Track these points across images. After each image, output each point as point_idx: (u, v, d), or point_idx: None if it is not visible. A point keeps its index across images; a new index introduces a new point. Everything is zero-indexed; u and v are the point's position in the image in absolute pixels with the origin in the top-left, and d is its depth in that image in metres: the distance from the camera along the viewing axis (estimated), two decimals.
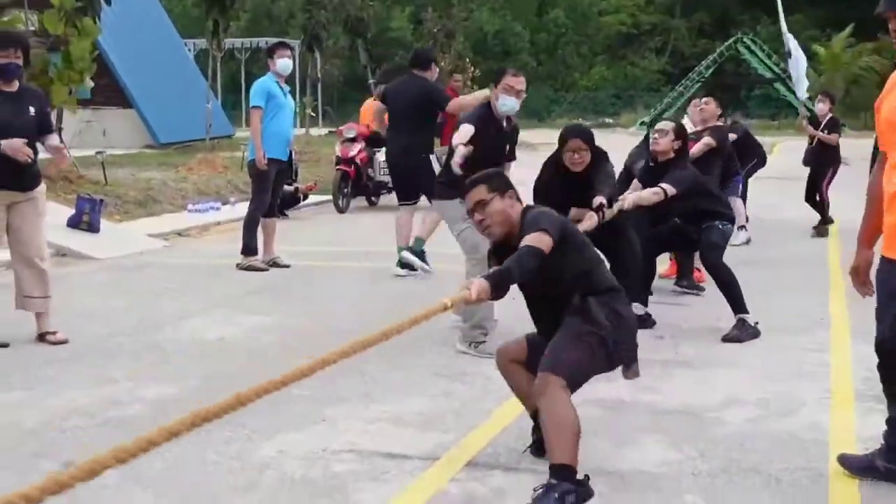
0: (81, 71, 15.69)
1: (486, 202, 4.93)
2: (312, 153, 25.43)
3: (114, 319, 8.59)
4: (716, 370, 6.97)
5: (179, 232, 14.54)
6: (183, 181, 18.87)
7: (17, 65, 7.38)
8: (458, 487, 4.76)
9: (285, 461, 5.07)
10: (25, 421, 5.76)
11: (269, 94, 11.07)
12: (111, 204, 15.16)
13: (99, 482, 4.73)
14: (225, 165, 21.13)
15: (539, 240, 4.64)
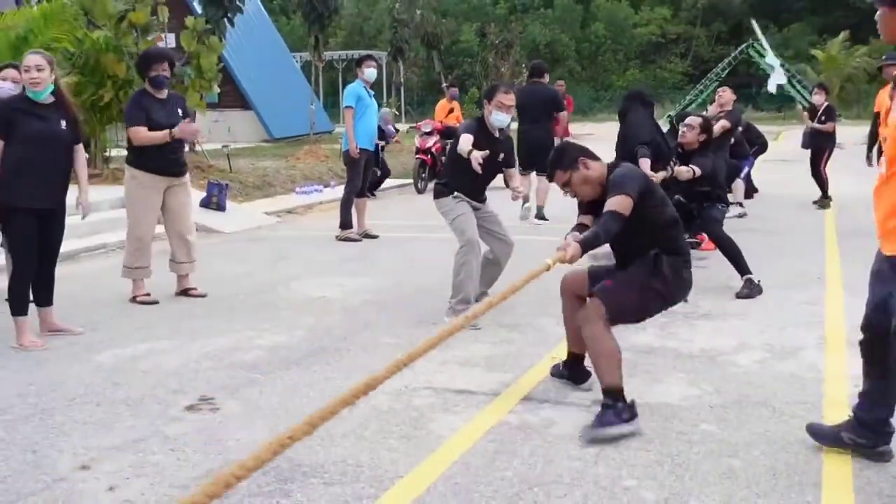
0: (210, 80, 15.81)
1: (569, 181, 4.90)
2: (396, 145, 25.41)
3: (237, 281, 8.68)
4: (729, 321, 6.88)
5: (289, 210, 14.63)
6: (292, 168, 18.96)
7: (166, 76, 7.59)
8: (515, 418, 4.76)
9: (374, 396, 5.07)
10: (168, 364, 5.86)
11: (359, 96, 11.12)
12: (235, 188, 15.29)
13: (223, 413, 4.83)
14: (326, 155, 21.18)
15: (621, 203, 4.59)
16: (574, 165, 4.86)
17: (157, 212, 7.73)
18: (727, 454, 4.24)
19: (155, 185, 7.64)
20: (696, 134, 8.16)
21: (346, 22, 64.22)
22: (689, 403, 4.98)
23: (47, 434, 4.58)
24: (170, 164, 7.64)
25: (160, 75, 7.53)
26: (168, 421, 4.76)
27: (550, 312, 6.95)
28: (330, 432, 4.52)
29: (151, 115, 7.48)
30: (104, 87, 14.20)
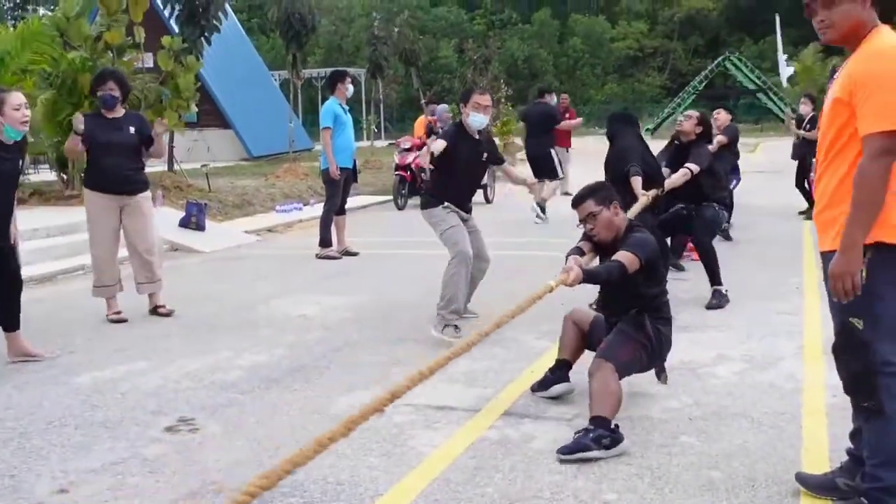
0: (188, 99, 15.79)
1: (596, 214, 5.02)
2: (376, 161, 25.47)
3: (216, 300, 8.66)
4: (708, 332, 6.91)
5: (269, 229, 14.62)
6: (272, 187, 18.96)
7: (112, 95, 7.65)
8: (495, 433, 4.77)
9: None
10: (146, 385, 5.83)
11: (335, 115, 11.08)
12: (214, 207, 15.28)
13: (202, 433, 4.81)
14: (305, 173, 21.17)
15: (631, 261, 4.80)
16: (608, 204, 5.04)
17: (113, 230, 7.77)
18: (707, 466, 4.26)
19: (108, 204, 7.70)
20: (694, 124, 8.19)
21: (323, 40, 64.39)
22: (668, 416, 5.00)
23: (25, 458, 4.55)
24: (121, 183, 7.67)
25: (106, 94, 7.64)
26: (147, 442, 4.74)
27: (532, 329, 6.98)
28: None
29: (94, 133, 7.57)
30: (81, 108, 14.14)
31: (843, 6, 3.51)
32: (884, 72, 3.36)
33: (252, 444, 4.67)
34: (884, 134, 3.32)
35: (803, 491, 3.92)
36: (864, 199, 3.37)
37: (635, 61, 67.92)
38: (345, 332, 7.20)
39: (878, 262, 3.42)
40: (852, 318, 3.49)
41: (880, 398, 3.49)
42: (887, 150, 3.33)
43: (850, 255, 3.38)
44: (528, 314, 7.20)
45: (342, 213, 11.48)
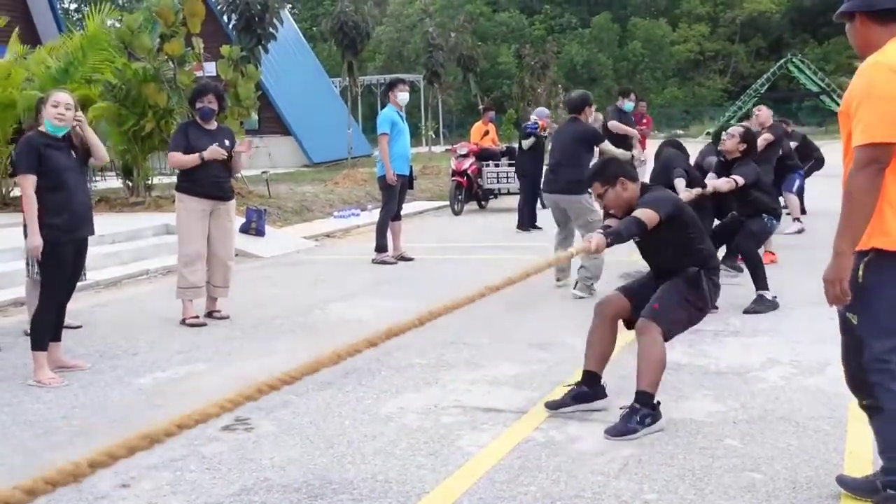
0: (248, 107, 16.10)
1: (602, 194, 5.24)
2: (433, 167, 25.65)
3: (275, 304, 8.87)
4: (758, 337, 6.94)
5: (327, 234, 14.85)
6: (330, 193, 19.21)
7: (210, 108, 8.01)
8: (541, 435, 4.87)
9: (404, 415, 5.24)
10: (206, 385, 6.04)
11: (392, 122, 11.23)
12: (273, 213, 15.55)
13: (257, 433, 4.99)
14: (364, 179, 21.41)
15: (645, 214, 4.96)
16: (612, 182, 5.19)
17: (203, 232, 8.04)
18: (749, 468, 4.32)
19: (200, 208, 7.98)
20: (736, 143, 8.28)
21: (385, 47, 64.82)
22: (713, 419, 5.06)
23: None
24: (214, 188, 8.00)
25: (205, 107, 8.00)
26: (205, 441, 4.92)
27: (575, 332, 7.05)
28: (361, 450, 4.66)
29: (193, 143, 7.91)
30: (146, 118, 14.55)
31: (852, 26, 3.74)
32: (863, 87, 3.54)
33: (304, 443, 4.83)
34: (865, 146, 3.48)
35: (844, 493, 3.97)
36: (851, 208, 3.55)
37: (696, 64, 67.32)
38: (398, 337, 7.32)
39: (872, 265, 3.65)
40: (849, 313, 3.75)
41: (877, 395, 3.70)
42: (870, 160, 3.47)
43: (839, 262, 3.61)
44: (571, 317, 7.34)
45: (398, 219, 11.65)
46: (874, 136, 3.47)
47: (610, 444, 4.68)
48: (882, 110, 3.47)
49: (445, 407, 5.38)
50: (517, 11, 69.12)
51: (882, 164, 3.50)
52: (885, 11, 3.65)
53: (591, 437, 4.80)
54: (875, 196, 3.53)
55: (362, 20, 27.36)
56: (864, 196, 3.52)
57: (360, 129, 37.97)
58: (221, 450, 4.78)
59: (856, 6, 3.73)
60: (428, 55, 34.37)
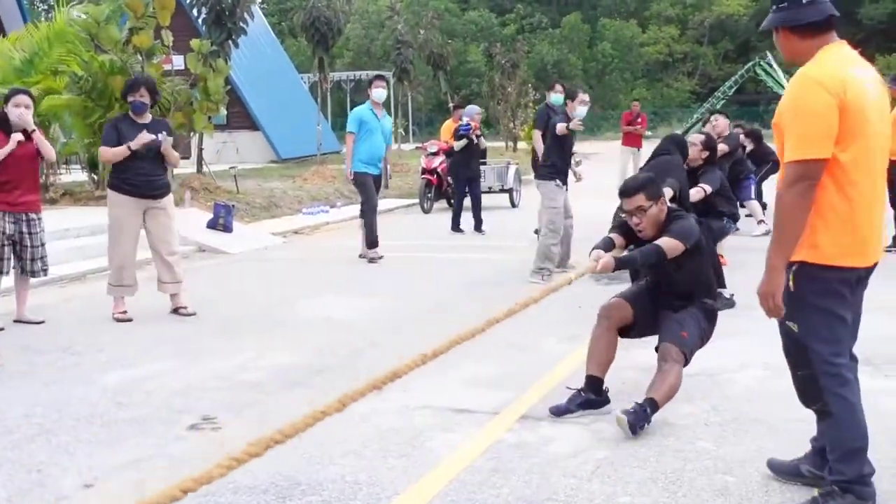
0: (217, 102, 15.94)
1: (645, 209, 5.09)
2: (402, 165, 25.58)
3: (243, 302, 8.77)
4: (731, 339, 6.90)
5: (296, 231, 14.76)
6: (299, 189, 19.11)
7: (143, 102, 7.90)
8: (513, 436, 4.83)
9: (375, 416, 5.17)
10: (172, 384, 5.94)
11: (361, 120, 11.09)
12: (241, 209, 15.44)
13: (226, 432, 4.89)
14: (333, 176, 21.32)
15: (672, 246, 4.97)
16: (657, 200, 5.13)
17: (134, 233, 7.96)
18: (722, 471, 4.30)
19: (132, 208, 7.87)
20: (699, 151, 8.44)
21: (353, 43, 64.65)
22: (686, 421, 5.04)
23: (52, 453, 4.66)
24: (145, 186, 7.88)
25: (137, 101, 7.89)
26: (172, 440, 4.84)
27: (552, 332, 7.04)
28: (330, 451, 4.59)
29: (125, 137, 7.80)
30: (112, 110, 14.35)
31: (777, 38, 3.77)
32: (790, 101, 3.58)
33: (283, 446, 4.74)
34: (794, 163, 3.51)
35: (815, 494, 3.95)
36: (782, 223, 3.59)
37: (665, 66, 67.69)
38: (370, 335, 7.28)
39: (804, 276, 3.68)
40: (788, 321, 3.80)
41: (826, 399, 3.77)
42: (799, 177, 3.51)
43: (772, 276, 3.64)
44: (547, 318, 7.32)
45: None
46: (803, 152, 3.48)
47: (582, 447, 4.65)
48: (809, 126, 3.48)
49: (416, 408, 5.32)
50: (486, 10, 69.16)
51: (812, 181, 3.51)
52: (807, 25, 3.65)
53: (564, 439, 4.76)
54: (806, 212, 3.55)
55: (334, 16, 27.21)
56: (795, 212, 3.55)
57: (329, 126, 37.82)
58: (188, 449, 4.70)
59: (776, 21, 3.73)
60: (397, 52, 34.28)
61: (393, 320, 7.84)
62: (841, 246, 3.62)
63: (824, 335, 3.72)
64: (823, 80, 3.49)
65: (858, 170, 3.57)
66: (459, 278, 9.84)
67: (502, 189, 18.06)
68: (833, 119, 3.47)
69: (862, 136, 3.55)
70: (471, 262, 11.00)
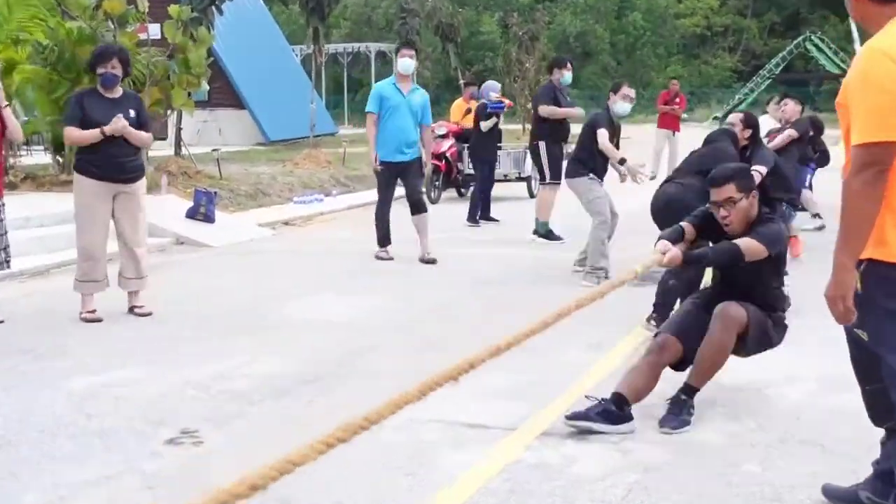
0: (198, 76, 15.93)
1: (735, 201, 5.18)
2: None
3: (226, 301, 8.77)
4: (779, 349, 6.87)
5: (286, 222, 14.76)
6: (289, 175, 19.10)
7: (114, 75, 7.84)
8: (532, 455, 4.81)
9: (379, 429, 5.12)
10: (147, 392, 5.93)
11: (382, 97, 10.74)
12: (225, 196, 15.43)
13: (206, 447, 4.89)
14: (328, 160, 21.29)
15: (754, 250, 5.11)
16: (748, 192, 5.23)
17: (104, 221, 7.94)
18: (770, 497, 4.29)
19: (100, 193, 7.85)
20: (741, 131, 8.39)
21: (352, 12, 64.59)
22: (729, 441, 5.03)
23: (13, 468, 4.66)
24: (115, 170, 7.83)
25: (108, 73, 7.81)
26: (146, 455, 4.83)
27: (575, 339, 7.02)
28: (325, 469, 4.56)
29: (93, 115, 7.75)
30: (80, 84, 14.34)
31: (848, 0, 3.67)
32: (857, 76, 3.49)
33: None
34: (862, 146, 3.41)
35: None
36: (848, 216, 3.47)
37: (703, 40, 67.55)
38: (369, 339, 7.27)
39: (873, 277, 3.56)
40: (857, 328, 3.72)
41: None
42: (867, 163, 3.41)
43: (840, 276, 3.52)
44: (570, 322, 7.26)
45: (417, 212, 10.92)
46: (871, 134, 3.38)
47: (611, 468, 4.63)
48: (877, 104, 3.39)
49: (424, 421, 5.30)
50: None
51: (881, 167, 3.40)
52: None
53: (591, 459, 4.74)
54: (876, 202, 3.44)
55: None
56: (863, 202, 3.44)
57: (323, 105, 37.83)
58: (165, 466, 4.69)
59: None
60: (401, 22, 34.31)
61: (393, 321, 7.83)
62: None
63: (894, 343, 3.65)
64: (894, 54, 3.42)
65: None
66: (468, 276, 9.83)
67: (519, 177, 18.01)
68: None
69: None
70: (481, 259, 10.99)
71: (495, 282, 9.52)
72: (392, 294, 8.99)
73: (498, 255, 11.33)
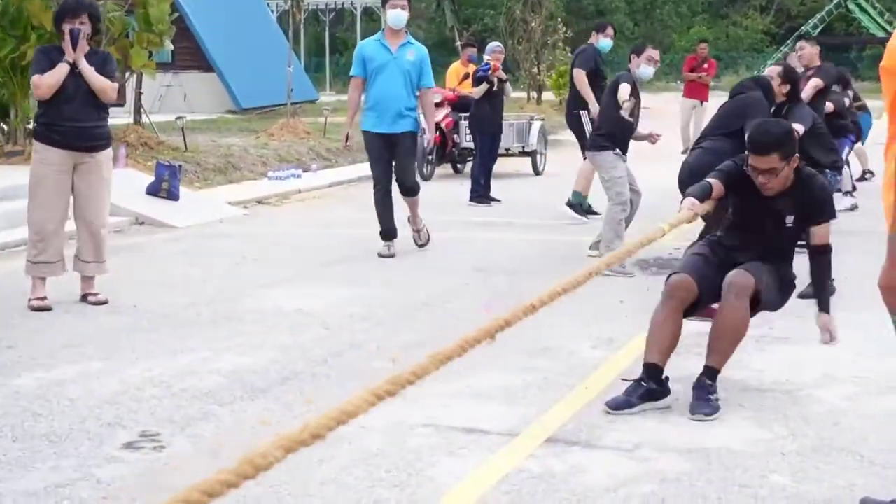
0: (161, 34, 15.88)
1: (778, 171, 5.48)
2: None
3: (192, 289, 8.77)
4: (812, 346, 6.87)
5: (259, 200, 14.74)
6: (264, 147, 19.07)
7: (81, 31, 7.84)
8: (536, 464, 4.83)
9: (362, 434, 5.17)
10: (103, 390, 5.94)
11: (365, 58, 10.17)
12: (190, 171, 15.42)
13: (169, 452, 4.91)
14: (307, 131, 21.22)
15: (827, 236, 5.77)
16: (789, 158, 5.51)
17: (63, 193, 7.94)
18: None
19: (60, 162, 7.86)
20: (778, 85, 8.55)
21: None
22: (756, 449, 5.04)
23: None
24: (75, 136, 7.84)
25: (76, 28, 7.81)
26: (101, 461, 4.84)
27: (585, 333, 7.04)
28: (304, 478, 4.59)
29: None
30: (27, 42, 14.30)
31: None
32: None
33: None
34: None
35: None
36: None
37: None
38: (351, 333, 7.28)
39: None
40: None
41: None
42: None
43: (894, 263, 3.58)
44: (580, 315, 7.33)
45: (408, 194, 10.56)
46: None
47: (623, 478, 4.65)
48: None
49: (414, 425, 5.33)
50: None
51: None
52: None
53: (600, 468, 4.76)
54: None
55: None
56: None
57: (302, 68, 37.73)
58: (123, 473, 4.70)
59: None
60: None
61: (378, 315, 7.83)
62: None
63: None
64: None
65: None
66: (467, 264, 9.83)
67: (523, 151, 18.00)
68: None
69: None
70: (479, 243, 11.01)
71: (498, 270, 9.51)
72: (380, 283, 9.00)
73: (501, 239, 11.34)
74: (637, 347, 6.75)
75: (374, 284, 8.93)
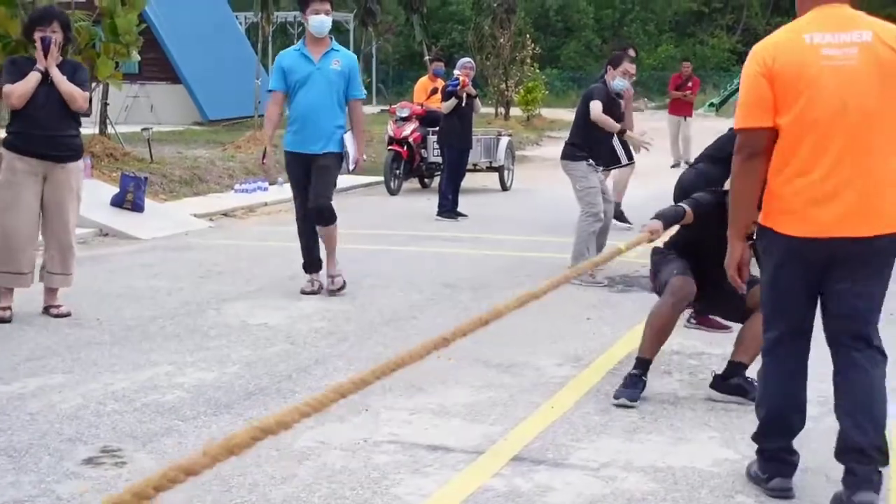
0: (128, 44, 15.78)
1: None
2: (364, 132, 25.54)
3: (156, 302, 8.71)
4: None
5: (225, 212, 14.70)
6: (230, 160, 19.04)
7: (52, 39, 7.81)
8: (501, 482, 4.81)
9: (325, 451, 5.14)
10: (63, 405, 5.87)
11: (284, 70, 9.17)
12: (156, 182, 15.35)
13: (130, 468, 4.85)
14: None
15: None
16: None
17: (30, 203, 7.87)
18: None
19: (29, 171, 7.81)
20: None
21: None
22: (722, 469, 5.04)
23: None
24: (45, 145, 7.80)
25: (47, 37, 7.79)
26: (61, 476, 4.79)
27: (551, 350, 7.03)
28: (267, 496, 4.55)
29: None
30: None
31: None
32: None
33: (192, 485, 4.69)
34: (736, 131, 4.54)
35: None
36: (732, 194, 4.67)
37: (699, 18, 67.95)
38: (316, 347, 7.25)
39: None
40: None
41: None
42: (740, 146, 4.50)
43: (731, 246, 4.68)
44: (546, 331, 7.32)
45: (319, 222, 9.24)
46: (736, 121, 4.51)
47: (591, 498, 4.64)
48: (742, 94, 4.49)
49: (378, 442, 5.30)
50: None
51: (752, 150, 4.43)
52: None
53: (568, 487, 4.74)
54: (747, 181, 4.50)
55: None
56: (740, 180, 4.54)
57: None
58: (83, 489, 4.65)
59: None
60: None
61: (343, 330, 7.80)
62: None
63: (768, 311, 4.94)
64: (757, 50, 4.51)
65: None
66: (434, 280, 9.81)
67: (490, 167, 18.04)
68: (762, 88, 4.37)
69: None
70: (446, 259, 10.98)
71: (465, 285, 9.49)
72: (346, 298, 8.95)
73: (468, 254, 11.33)
74: (604, 365, 6.76)
75: (339, 299, 8.88)
